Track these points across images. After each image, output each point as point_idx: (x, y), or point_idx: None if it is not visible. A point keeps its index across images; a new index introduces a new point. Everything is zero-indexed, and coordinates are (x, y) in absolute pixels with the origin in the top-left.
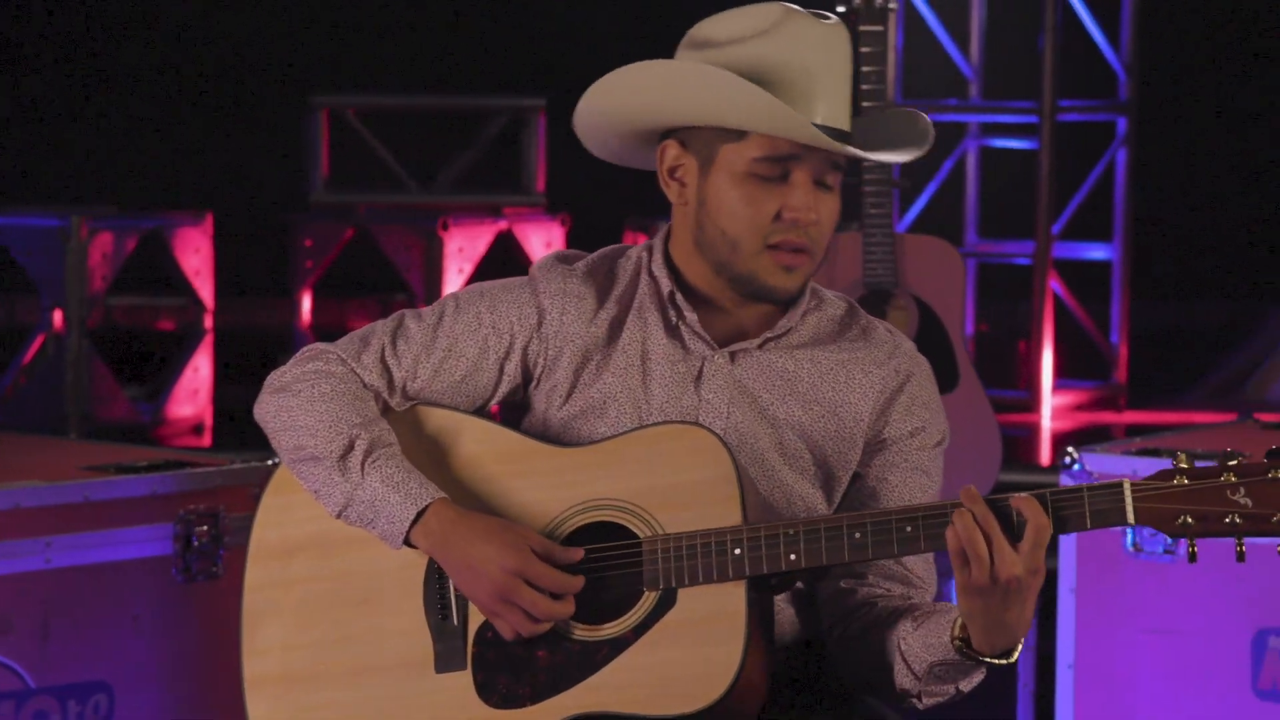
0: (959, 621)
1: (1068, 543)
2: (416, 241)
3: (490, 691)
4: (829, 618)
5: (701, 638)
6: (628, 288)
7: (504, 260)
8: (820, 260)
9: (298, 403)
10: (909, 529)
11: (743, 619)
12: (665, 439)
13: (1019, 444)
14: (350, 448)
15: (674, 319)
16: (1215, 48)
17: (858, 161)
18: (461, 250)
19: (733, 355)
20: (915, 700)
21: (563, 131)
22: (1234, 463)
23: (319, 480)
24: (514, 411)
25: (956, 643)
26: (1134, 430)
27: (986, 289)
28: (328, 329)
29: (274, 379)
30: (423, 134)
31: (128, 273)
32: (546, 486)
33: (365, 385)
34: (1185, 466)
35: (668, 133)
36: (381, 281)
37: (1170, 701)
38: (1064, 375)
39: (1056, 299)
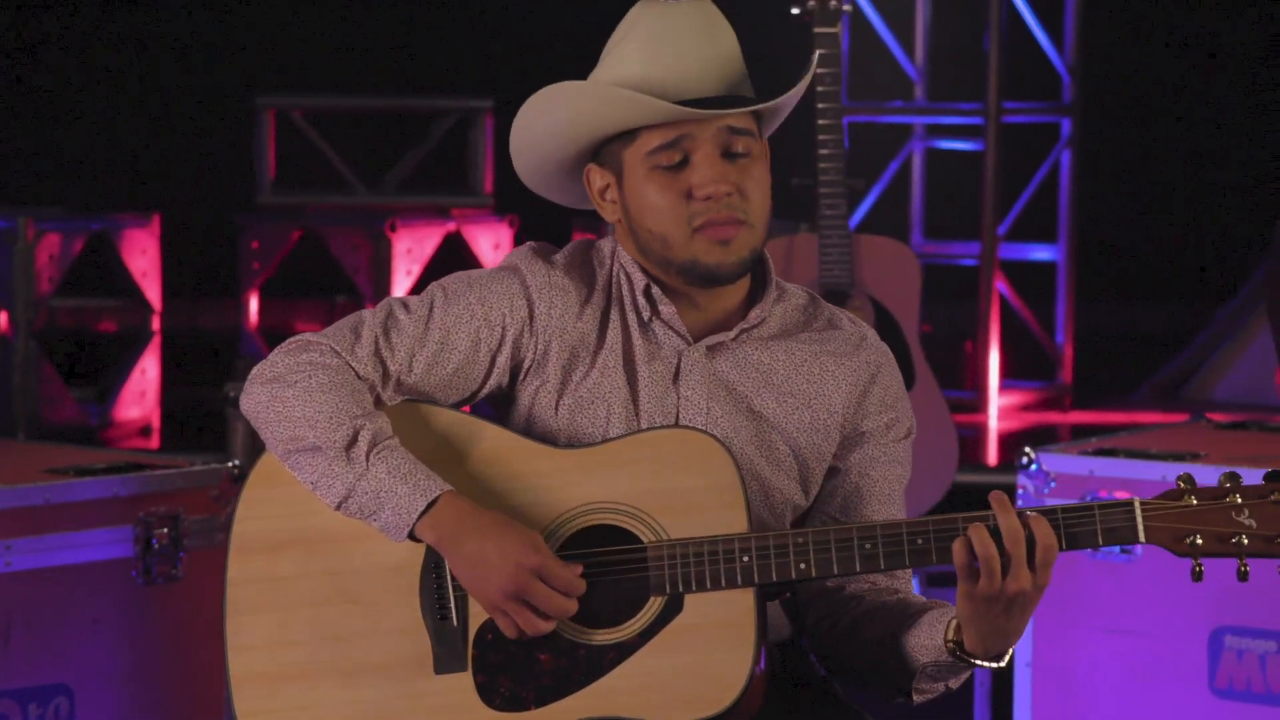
0: (954, 624)
1: None
2: (364, 243)
3: (492, 694)
4: (815, 612)
5: (711, 644)
6: (607, 281)
7: (452, 261)
8: (762, 231)
9: (294, 394)
10: (920, 541)
11: (752, 626)
12: (668, 443)
13: (966, 444)
14: (355, 438)
15: (647, 315)
16: (1158, 49)
17: (814, 160)
18: (410, 251)
19: (709, 349)
20: (905, 697)
21: (510, 132)
22: (1234, 484)
23: (318, 471)
24: (499, 406)
25: (950, 645)
26: (1080, 430)
27: (932, 290)
28: (275, 330)
29: (263, 370)
30: (370, 135)
31: (74, 274)
32: (546, 488)
33: (360, 377)
34: (1191, 487)
35: (588, 159)
36: (328, 283)
37: (1128, 700)
38: (1010, 376)
39: (1002, 300)
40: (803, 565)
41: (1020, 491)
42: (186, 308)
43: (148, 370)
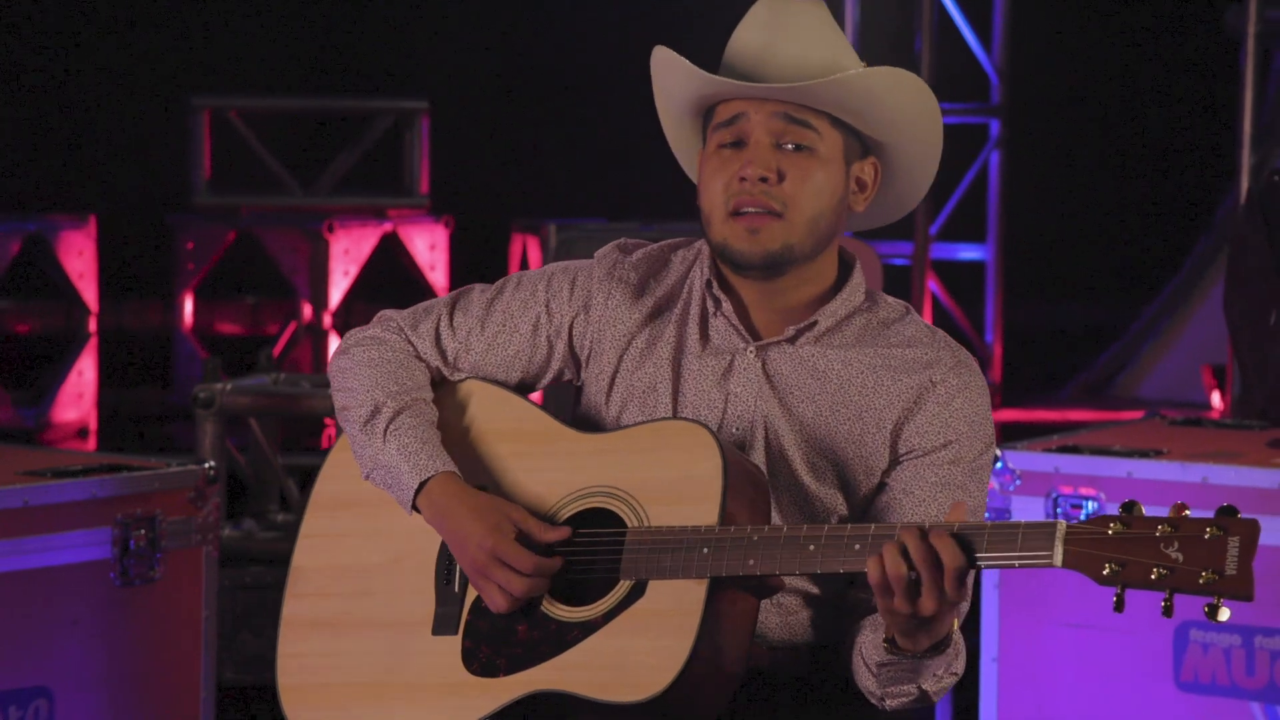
0: None
1: None
2: (302, 243)
3: (472, 659)
4: (847, 624)
5: (657, 630)
6: (677, 280)
7: (389, 262)
8: (802, 228)
9: (350, 364)
10: (857, 546)
11: (697, 616)
12: (669, 433)
13: None
14: (375, 413)
15: (711, 310)
16: (1085, 51)
17: None
18: (348, 252)
19: (764, 349)
20: (879, 702)
21: (446, 133)
22: (1175, 515)
23: (354, 441)
24: (574, 394)
25: (885, 643)
26: (1010, 429)
27: None
28: (210, 332)
29: (346, 338)
30: (306, 136)
31: (9, 276)
32: (560, 469)
33: (419, 355)
34: (1124, 515)
35: None
36: (264, 284)
37: (1093, 695)
38: None
39: (934, 299)
40: (751, 561)
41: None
42: (120, 309)
43: (85, 372)
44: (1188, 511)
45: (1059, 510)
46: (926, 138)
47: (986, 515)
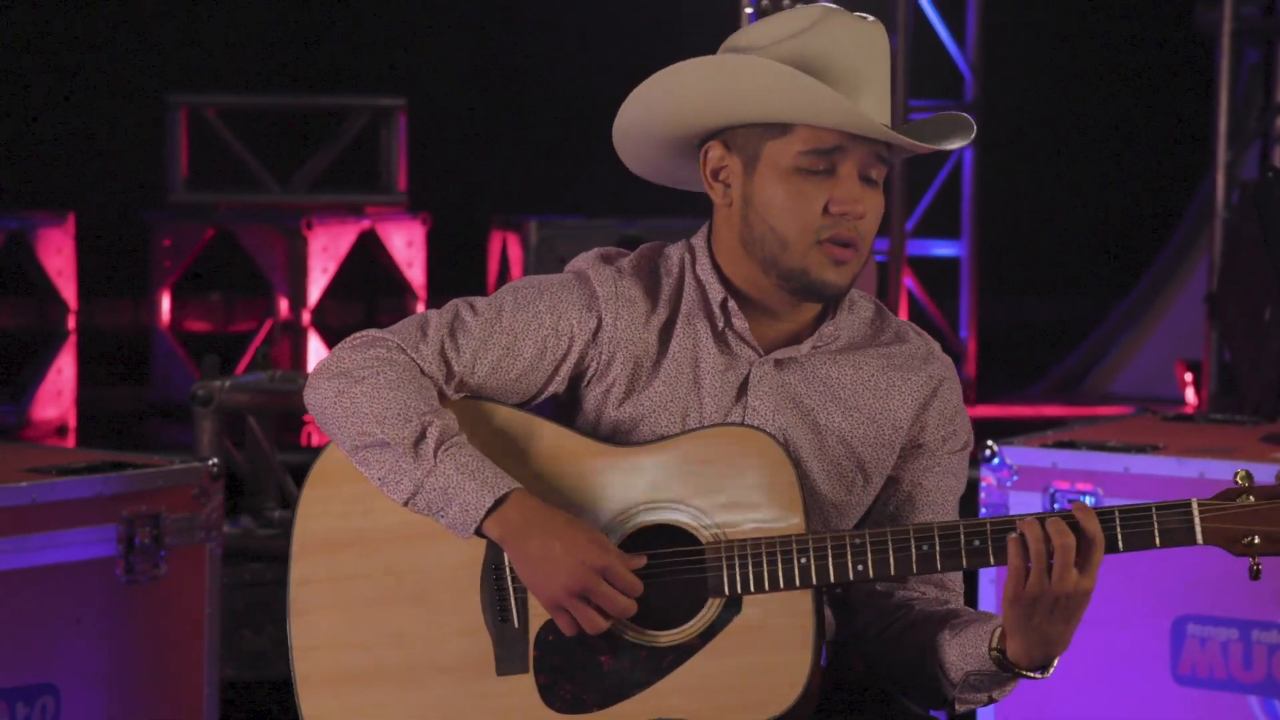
0: (998, 632)
1: None
2: (280, 241)
3: (554, 696)
4: (865, 618)
5: (770, 645)
6: (674, 291)
7: (366, 260)
8: (865, 258)
9: (362, 390)
10: (977, 542)
11: (811, 627)
12: (725, 441)
13: None
14: (423, 435)
15: (721, 325)
16: (1059, 48)
17: None
18: (325, 249)
19: (778, 363)
20: (948, 706)
21: (423, 130)
22: None
23: (385, 467)
24: (565, 408)
25: (994, 654)
26: (984, 425)
27: None
28: (188, 330)
29: (330, 364)
30: (283, 133)
31: None
32: (605, 485)
33: (424, 374)
34: (1248, 485)
35: (709, 136)
36: (240, 281)
37: (1091, 689)
38: None
39: (909, 295)
40: (860, 566)
41: (984, 485)
42: (97, 306)
43: (64, 370)
44: None
45: (1056, 505)
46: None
47: (983, 511)
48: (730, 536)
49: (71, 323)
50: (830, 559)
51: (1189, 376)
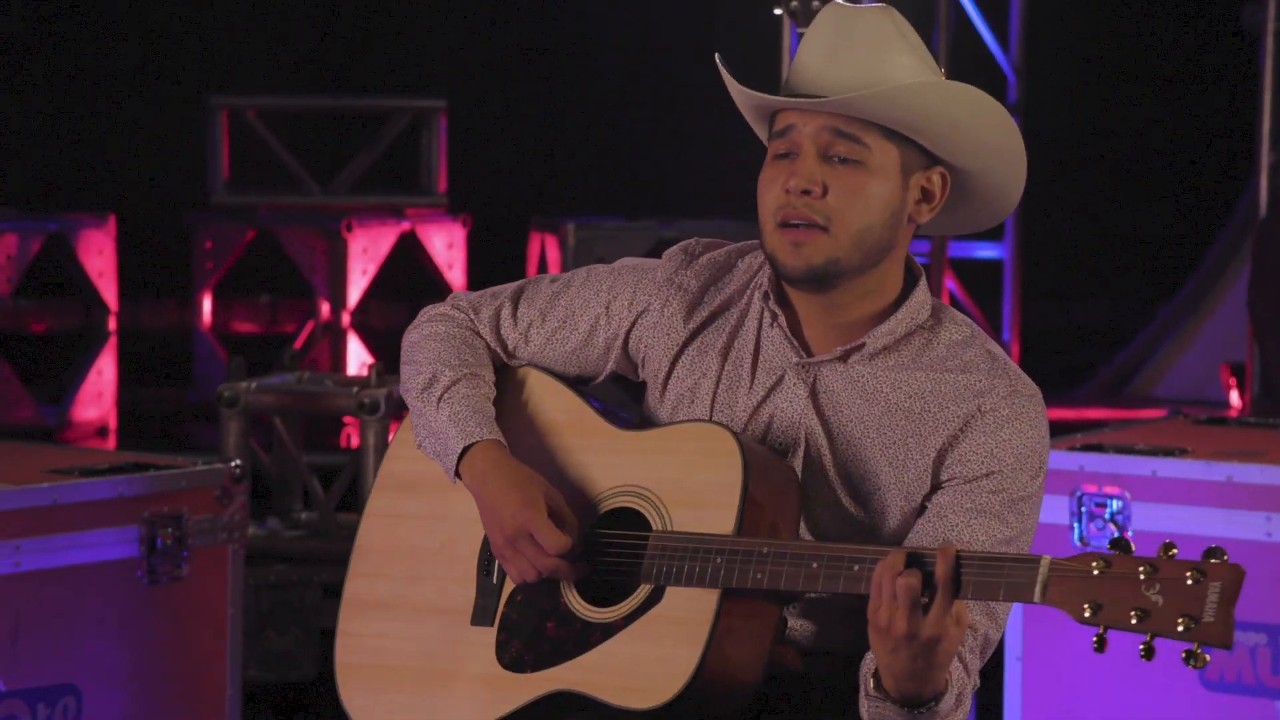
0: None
1: None
2: (320, 242)
3: (504, 652)
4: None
5: (669, 638)
6: (740, 287)
7: (407, 261)
8: (848, 242)
9: (417, 338)
10: (855, 567)
11: (708, 626)
12: (694, 437)
13: None
14: (432, 381)
15: (768, 321)
16: (1103, 49)
17: None
18: (365, 251)
19: (817, 366)
20: None
21: (464, 132)
22: (1164, 557)
23: (413, 410)
24: (639, 392)
25: (871, 680)
26: None
27: None
28: (229, 331)
29: (419, 315)
30: (324, 135)
31: (30, 275)
32: (596, 464)
33: (478, 335)
34: (1108, 555)
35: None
36: (281, 283)
37: (1118, 693)
38: None
39: (952, 297)
40: (759, 576)
41: None
42: (140, 308)
43: (104, 371)
44: (1174, 552)
45: (1083, 509)
46: (998, 149)
47: None
48: (673, 528)
49: (112, 324)
50: (738, 564)
51: (1234, 380)
